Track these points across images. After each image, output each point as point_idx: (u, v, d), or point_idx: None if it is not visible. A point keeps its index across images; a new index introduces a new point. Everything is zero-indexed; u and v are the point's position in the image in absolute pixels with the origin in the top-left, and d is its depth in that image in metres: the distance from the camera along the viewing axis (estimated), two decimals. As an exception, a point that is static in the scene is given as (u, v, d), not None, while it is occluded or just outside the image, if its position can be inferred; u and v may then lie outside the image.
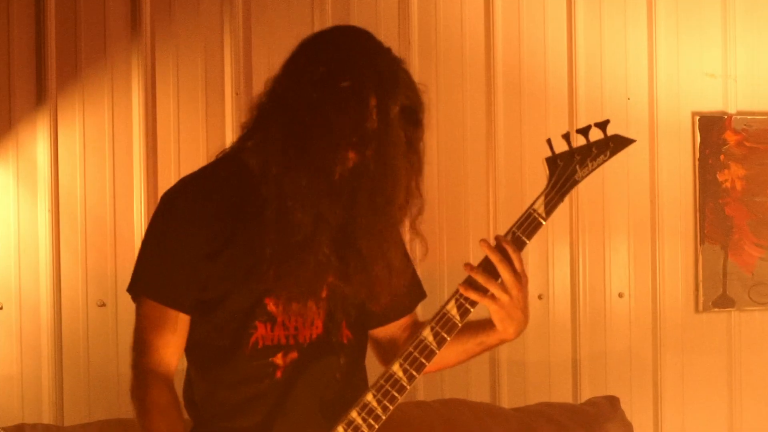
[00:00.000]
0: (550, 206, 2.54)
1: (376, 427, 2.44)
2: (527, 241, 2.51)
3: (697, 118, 4.52)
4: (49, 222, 3.85)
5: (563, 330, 4.38)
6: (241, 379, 2.49)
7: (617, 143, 2.59)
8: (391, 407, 2.45)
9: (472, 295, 2.48)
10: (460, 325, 2.49)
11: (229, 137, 3.82)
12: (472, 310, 2.49)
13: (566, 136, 2.56)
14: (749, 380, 4.57)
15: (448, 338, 2.48)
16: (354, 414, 2.44)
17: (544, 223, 2.53)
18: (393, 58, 2.50)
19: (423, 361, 2.46)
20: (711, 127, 4.53)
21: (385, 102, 2.41)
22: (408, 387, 2.46)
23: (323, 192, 2.40)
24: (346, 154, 2.41)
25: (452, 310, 2.48)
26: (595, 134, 2.61)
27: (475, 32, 4.31)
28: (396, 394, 2.45)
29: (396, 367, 2.45)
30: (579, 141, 2.61)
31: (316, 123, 2.38)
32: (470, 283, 2.48)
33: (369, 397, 2.44)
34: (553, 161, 2.56)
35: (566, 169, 2.55)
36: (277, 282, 2.43)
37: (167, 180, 3.77)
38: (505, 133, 4.30)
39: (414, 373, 2.46)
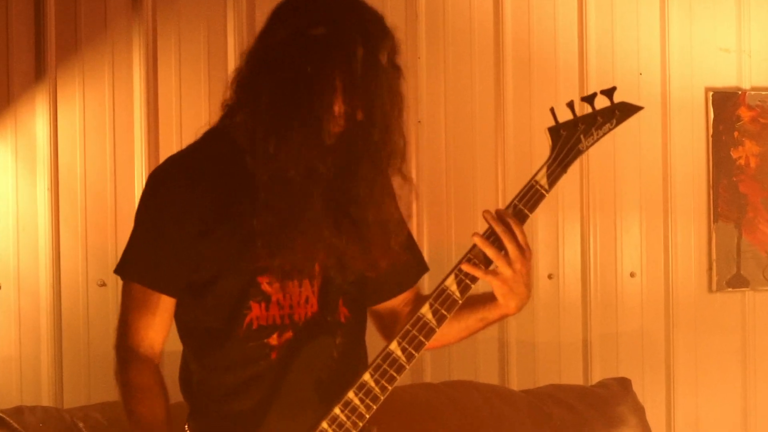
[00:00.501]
0: (553, 177, 2.49)
1: (375, 407, 2.40)
2: (529, 214, 2.47)
3: (711, 93, 4.51)
4: (48, 200, 3.83)
5: (574, 310, 4.36)
6: (236, 361, 2.47)
7: (624, 111, 2.54)
8: (389, 387, 2.41)
9: (474, 271, 2.43)
10: (460, 301, 2.45)
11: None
12: (472, 285, 2.45)
13: (570, 105, 2.52)
14: (763, 361, 4.56)
15: (448, 315, 2.44)
16: (351, 395, 2.40)
17: (546, 194, 2.47)
18: (370, 8, 2.47)
19: (422, 339, 2.42)
20: (725, 103, 4.52)
21: (372, 50, 2.39)
22: (407, 366, 2.42)
23: (316, 153, 2.37)
24: (334, 108, 2.37)
25: (452, 286, 2.44)
26: (602, 103, 2.57)
27: (483, 4, 4.27)
28: (394, 374, 2.41)
29: (394, 346, 2.41)
30: (585, 109, 2.57)
31: (300, 77, 2.36)
32: (471, 259, 2.44)
33: (366, 377, 2.40)
34: (555, 131, 2.51)
35: (569, 139, 2.49)
36: (270, 257, 2.40)
37: (169, 157, 3.71)
38: (514, 110, 4.27)
39: (413, 351, 2.42)
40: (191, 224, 2.42)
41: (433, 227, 4.16)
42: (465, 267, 2.43)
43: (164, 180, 2.48)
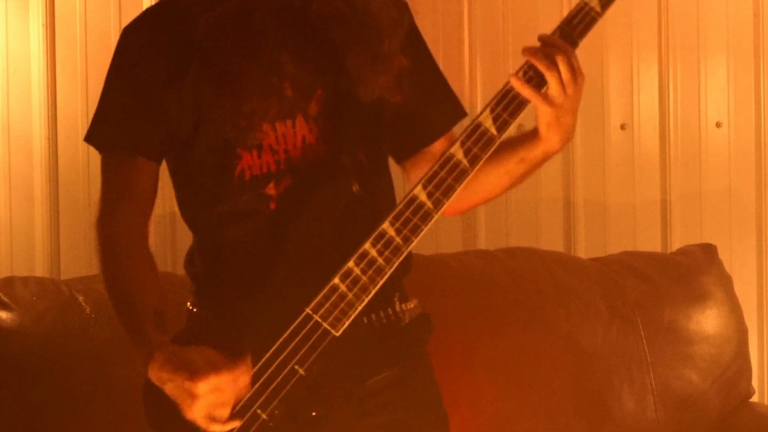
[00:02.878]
0: None
1: (396, 261, 2.29)
2: (578, 41, 2.34)
3: None
4: (42, 38, 3.74)
5: (651, 166, 4.18)
6: (231, 218, 2.40)
7: None
8: (413, 238, 2.29)
9: (526, 91, 2.30)
10: (497, 140, 2.33)
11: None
12: (511, 121, 2.33)
13: None
14: None
15: (483, 156, 2.32)
16: (368, 246, 2.28)
17: (599, 18, 2.33)
18: None
19: (452, 182, 2.31)
20: None
21: None
22: (435, 214, 2.31)
23: None
24: None
25: (486, 121, 2.31)
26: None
27: None
28: (419, 223, 2.30)
29: (418, 190, 2.30)
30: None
31: None
32: (522, 76, 2.31)
33: (386, 226, 2.29)
34: None
35: None
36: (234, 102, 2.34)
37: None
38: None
39: (441, 197, 2.31)
40: (161, 72, 2.39)
41: (488, 69, 3.99)
42: (514, 81, 2.29)
43: (130, 34, 2.47)
